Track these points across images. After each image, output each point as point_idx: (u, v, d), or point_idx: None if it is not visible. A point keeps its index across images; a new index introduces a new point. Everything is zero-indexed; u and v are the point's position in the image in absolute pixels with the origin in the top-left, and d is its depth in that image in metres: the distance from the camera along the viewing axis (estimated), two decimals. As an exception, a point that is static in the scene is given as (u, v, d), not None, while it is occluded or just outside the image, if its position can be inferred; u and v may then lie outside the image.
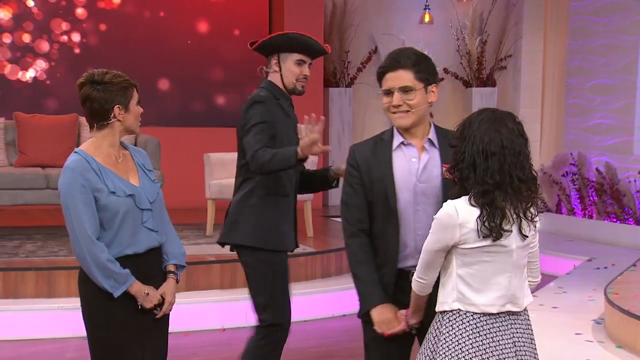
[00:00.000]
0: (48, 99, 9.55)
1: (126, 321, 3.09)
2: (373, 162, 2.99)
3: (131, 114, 3.13)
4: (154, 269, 3.19)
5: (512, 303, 2.71)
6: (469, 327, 2.67)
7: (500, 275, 2.68)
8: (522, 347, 2.71)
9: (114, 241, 3.06)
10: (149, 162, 3.28)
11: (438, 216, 2.69)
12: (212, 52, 10.08)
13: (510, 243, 2.67)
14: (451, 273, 2.71)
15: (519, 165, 2.65)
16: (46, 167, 7.67)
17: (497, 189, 2.62)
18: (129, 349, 3.10)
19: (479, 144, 2.63)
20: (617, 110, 9.72)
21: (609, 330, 5.54)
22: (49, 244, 6.99)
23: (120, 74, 3.16)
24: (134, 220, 3.08)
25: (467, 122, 2.69)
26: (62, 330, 5.76)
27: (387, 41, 10.37)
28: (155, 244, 3.17)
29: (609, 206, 9.51)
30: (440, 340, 2.70)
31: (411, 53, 3.00)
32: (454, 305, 2.69)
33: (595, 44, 10.03)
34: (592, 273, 7.60)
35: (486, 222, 2.62)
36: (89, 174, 3.04)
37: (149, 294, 3.10)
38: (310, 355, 5.53)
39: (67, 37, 9.58)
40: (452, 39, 10.68)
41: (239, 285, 6.43)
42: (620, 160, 9.55)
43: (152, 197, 3.15)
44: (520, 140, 2.67)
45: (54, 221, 8.27)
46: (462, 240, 2.65)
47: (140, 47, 9.85)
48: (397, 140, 3.02)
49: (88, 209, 3.01)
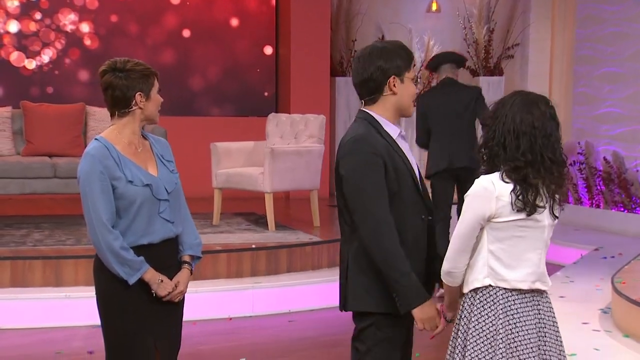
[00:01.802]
0: (55, 88, 9.55)
1: (139, 309, 3.09)
2: (390, 150, 2.90)
3: (152, 102, 3.13)
4: (168, 259, 3.17)
5: (541, 281, 2.74)
6: (499, 304, 2.69)
7: (531, 252, 2.72)
8: (544, 327, 2.73)
9: (129, 230, 3.05)
10: (168, 152, 3.26)
11: (473, 191, 2.70)
12: (219, 39, 10.06)
13: (543, 219, 2.71)
14: (481, 250, 2.72)
15: (550, 147, 2.69)
16: (53, 156, 7.68)
17: (530, 166, 2.66)
18: (141, 337, 3.10)
19: (510, 124, 2.67)
20: (626, 99, 9.67)
21: (616, 320, 5.53)
22: (57, 233, 7.01)
23: (142, 62, 3.15)
24: (150, 210, 3.07)
25: (501, 103, 2.74)
26: (70, 318, 5.78)
27: (394, 30, 10.34)
28: (170, 235, 3.15)
29: (617, 195, 9.48)
30: (472, 320, 2.72)
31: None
32: (485, 281, 2.71)
33: (604, 32, 9.98)
34: (599, 262, 7.59)
35: (520, 196, 2.65)
36: (107, 161, 3.04)
37: (163, 282, 3.10)
38: (316, 345, 5.54)
39: (75, 27, 9.58)
40: (459, 28, 10.64)
41: (245, 275, 6.45)
42: (628, 149, 9.51)
43: (170, 188, 3.14)
44: (552, 123, 2.71)
45: (62, 210, 8.29)
46: (498, 213, 2.67)
47: (149, 37, 9.84)
48: (392, 129, 2.96)
49: (105, 197, 3.01)
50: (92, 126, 7.92)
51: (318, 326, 5.97)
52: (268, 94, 10.24)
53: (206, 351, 5.30)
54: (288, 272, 6.66)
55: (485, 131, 2.75)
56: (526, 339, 2.68)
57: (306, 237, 7.05)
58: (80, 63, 9.62)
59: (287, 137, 7.87)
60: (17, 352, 5.29)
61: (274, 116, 8.07)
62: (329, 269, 6.78)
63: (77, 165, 8.11)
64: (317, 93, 9.99)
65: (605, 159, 9.41)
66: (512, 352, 2.66)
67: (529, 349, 2.68)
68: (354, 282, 2.92)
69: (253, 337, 5.68)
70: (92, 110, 8.02)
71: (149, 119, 3.16)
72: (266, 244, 6.70)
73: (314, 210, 7.48)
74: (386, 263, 2.81)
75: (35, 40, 9.51)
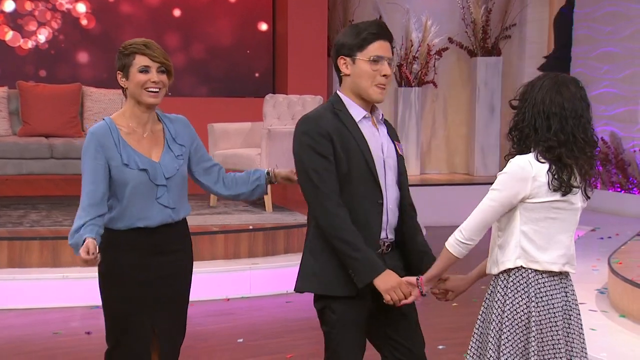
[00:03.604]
0: (51, 68, 9.51)
1: (138, 292, 3.05)
2: (345, 132, 2.86)
3: (131, 81, 3.02)
4: (167, 244, 3.10)
5: (570, 264, 2.76)
6: (532, 287, 2.70)
7: (563, 234, 2.73)
8: (569, 310, 2.75)
9: (124, 213, 3.02)
10: (184, 133, 3.15)
11: (509, 170, 2.69)
12: (215, 19, 10.01)
13: (576, 201, 2.73)
14: (513, 231, 2.72)
15: (582, 128, 2.69)
16: (50, 136, 7.66)
17: (563, 146, 2.66)
18: (137, 320, 3.07)
19: (539, 105, 2.67)
20: (623, 80, 9.66)
21: (612, 300, 5.55)
22: (54, 214, 7.01)
23: (139, 40, 3.04)
24: (146, 195, 3.02)
25: (530, 85, 2.73)
26: (67, 299, 5.79)
27: (392, 10, 10.29)
28: (169, 220, 3.08)
29: (614, 176, 9.49)
30: (507, 303, 2.71)
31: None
32: (517, 262, 2.71)
33: (601, 12, 9.94)
34: (596, 243, 7.62)
35: (556, 175, 2.66)
36: (106, 140, 2.99)
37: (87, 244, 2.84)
38: (314, 326, 5.54)
39: (71, 7, 9.52)
40: (457, 8, 10.59)
41: (242, 256, 6.46)
42: (625, 130, 9.51)
43: (169, 173, 3.06)
44: (582, 104, 2.71)
45: (59, 191, 8.29)
46: (533, 193, 2.67)
47: (146, 18, 9.79)
48: (356, 112, 2.91)
49: (93, 175, 2.96)
50: (88, 107, 7.90)
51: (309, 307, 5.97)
52: (259, 75, 10.18)
53: (203, 332, 5.32)
54: (285, 253, 6.67)
55: (515, 114, 2.74)
56: (553, 322, 2.70)
57: (303, 218, 7.06)
58: (76, 43, 9.56)
59: (284, 118, 7.86)
60: (15, 332, 5.30)
61: (271, 97, 8.05)
62: (326, 250, 6.79)
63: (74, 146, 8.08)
64: (314, 75, 9.96)
65: (603, 140, 9.41)
66: (542, 336, 2.68)
67: (557, 333, 2.70)
68: (305, 264, 2.97)
69: (250, 317, 5.70)
70: (89, 91, 8.00)
71: (135, 100, 3.04)
72: (263, 225, 6.71)
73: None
74: (337, 239, 2.83)
75: (30, 20, 9.45)
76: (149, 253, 3.07)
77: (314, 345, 5.10)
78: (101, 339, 3.20)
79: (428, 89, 10.56)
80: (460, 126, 10.77)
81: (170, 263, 3.12)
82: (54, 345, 5.03)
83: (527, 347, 2.69)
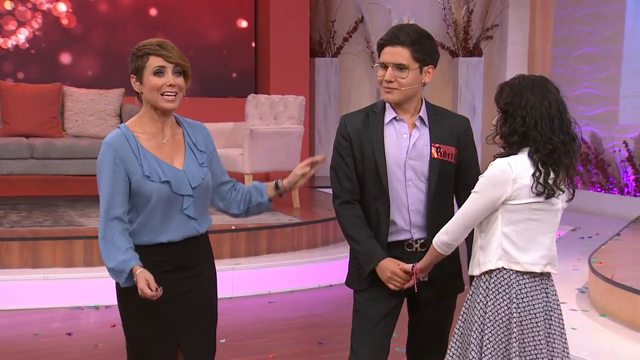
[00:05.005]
0: (32, 68, 9.44)
1: (160, 310, 2.82)
2: (364, 135, 2.99)
3: (145, 85, 2.81)
4: (191, 258, 2.91)
5: (551, 265, 2.78)
6: (513, 288, 2.71)
7: (544, 235, 2.75)
8: (550, 311, 2.76)
9: (145, 227, 2.81)
10: (204, 138, 2.94)
11: (489, 174, 2.71)
12: (196, 17, 9.98)
13: (557, 202, 2.75)
14: (494, 232, 2.74)
15: (569, 124, 2.74)
16: (30, 136, 7.61)
17: (563, 146, 2.69)
18: (160, 343, 2.86)
19: (539, 107, 2.68)
20: (603, 80, 9.72)
21: (593, 299, 5.58)
22: (34, 214, 6.96)
23: (151, 41, 2.85)
24: (169, 207, 2.81)
25: (516, 89, 2.72)
26: (48, 300, 5.75)
27: (373, 10, 10.30)
28: (193, 233, 2.87)
29: (594, 176, 9.55)
30: (489, 305, 2.73)
31: (413, 30, 2.96)
32: (498, 263, 2.73)
33: (582, 13, 10.01)
34: (576, 242, 7.66)
35: (541, 179, 2.67)
36: (124, 152, 2.78)
37: (149, 282, 2.70)
38: (296, 326, 5.56)
39: (52, 6, 9.46)
40: (439, 8, 10.62)
41: (224, 256, 6.44)
42: (605, 130, 9.57)
43: (195, 183, 2.84)
44: (563, 101, 2.76)
45: (39, 191, 8.23)
46: (514, 195, 2.69)
47: (133, 19, 9.74)
48: (389, 114, 3.01)
49: (113, 189, 2.76)
50: (69, 107, 7.85)
51: (298, 307, 5.99)
52: (241, 74, 10.15)
53: (186, 332, 5.29)
54: (268, 254, 6.66)
55: (505, 118, 2.72)
56: (534, 323, 2.71)
57: (286, 218, 7.05)
58: (57, 43, 9.51)
59: (267, 118, 7.85)
60: (-5, 334, 5.27)
61: (253, 97, 8.04)
62: (308, 250, 6.79)
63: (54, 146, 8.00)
64: (297, 74, 9.95)
65: (583, 140, 9.44)
66: (524, 337, 2.70)
67: (538, 333, 2.71)
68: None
69: (233, 318, 5.68)
70: (70, 91, 7.95)
71: (152, 104, 2.83)
72: (246, 225, 6.69)
73: (293, 192, 7.45)
74: (345, 234, 3.04)
75: (10, 19, 9.38)
76: (172, 269, 2.86)
77: (297, 345, 5.10)
78: (82, 339, 3.19)
79: (410, 89, 10.57)
80: (442, 126, 10.77)
81: (195, 277, 2.93)
82: (35, 346, 4.99)
83: (509, 348, 2.70)
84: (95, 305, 5.74)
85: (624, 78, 9.61)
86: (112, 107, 7.83)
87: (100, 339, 4.99)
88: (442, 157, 2.98)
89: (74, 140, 7.57)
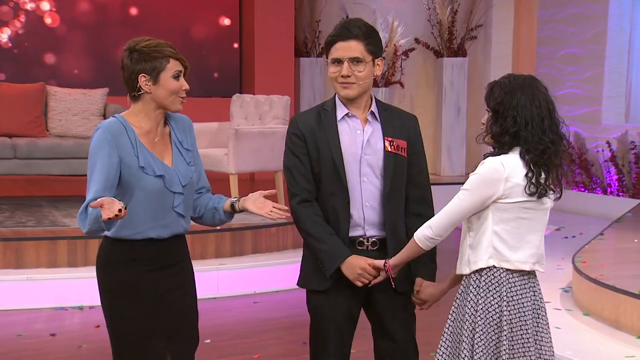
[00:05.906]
0: (15, 67, 9.39)
1: (146, 309, 2.84)
2: (318, 133, 2.96)
3: (161, 86, 2.79)
4: (176, 255, 2.93)
5: (540, 263, 2.79)
6: (504, 286, 2.72)
7: (533, 234, 2.76)
8: (537, 309, 2.77)
9: (133, 220, 2.78)
10: (189, 134, 2.95)
11: (481, 172, 2.70)
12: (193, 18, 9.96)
13: (547, 201, 2.76)
14: (485, 231, 2.74)
15: (558, 124, 2.74)
16: (13, 136, 7.56)
17: (553, 145, 2.70)
18: (149, 342, 2.85)
19: (530, 107, 2.68)
20: (586, 80, 9.77)
21: (576, 299, 5.61)
22: (17, 215, 6.92)
23: (162, 42, 2.83)
24: (160, 203, 2.82)
25: (506, 88, 2.71)
26: (31, 301, 5.72)
27: (358, 10, 10.31)
28: (180, 231, 2.91)
29: (577, 176, 9.61)
30: (479, 303, 2.73)
31: (362, 24, 2.98)
32: (489, 262, 2.73)
33: (565, 13, 10.06)
34: (560, 242, 7.69)
35: (534, 179, 2.68)
36: (121, 138, 2.77)
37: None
38: (282, 326, 5.55)
39: (35, 5, 9.41)
40: (423, 9, 10.64)
41: (209, 256, 6.43)
42: (588, 130, 9.62)
43: (185, 181, 2.87)
44: (551, 100, 2.76)
45: (22, 191, 8.18)
46: (506, 194, 2.69)
47: (116, 17, 9.70)
48: (341, 111, 2.99)
49: (106, 173, 2.71)
50: (52, 106, 7.80)
51: (283, 307, 5.98)
52: (226, 74, 10.14)
53: (170, 333, 5.28)
54: (253, 254, 6.66)
55: (495, 118, 2.72)
56: (523, 321, 2.72)
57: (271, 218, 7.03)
58: (40, 42, 9.46)
59: (252, 118, 7.84)
60: (-22, 335, 5.23)
61: (238, 97, 8.02)
62: (294, 250, 6.78)
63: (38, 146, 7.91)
64: (282, 74, 9.95)
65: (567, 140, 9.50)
66: (513, 335, 2.71)
67: (527, 331, 2.72)
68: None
69: (218, 318, 5.67)
70: (53, 90, 7.90)
71: (161, 106, 2.82)
72: (231, 225, 6.66)
73: (278, 192, 7.47)
74: (303, 232, 2.99)
75: (-7, 18, 9.33)
76: (156, 266, 2.87)
77: (282, 345, 5.10)
78: (66, 340, 3.17)
79: (395, 90, 10.60)
80: (427, 126, 10.80)
81: (176, 274, 2.94)
82: (18, 347, 4.96)
83: (499, 346, 2.71)
84: (79, 306, 5.72)
85: (607, 78, 9.67)
86: (96, 107, 7.79)
87: (84, 340, 4.97)
88: (396, 150, 2.98)
89: (57, 140, 7.53)
